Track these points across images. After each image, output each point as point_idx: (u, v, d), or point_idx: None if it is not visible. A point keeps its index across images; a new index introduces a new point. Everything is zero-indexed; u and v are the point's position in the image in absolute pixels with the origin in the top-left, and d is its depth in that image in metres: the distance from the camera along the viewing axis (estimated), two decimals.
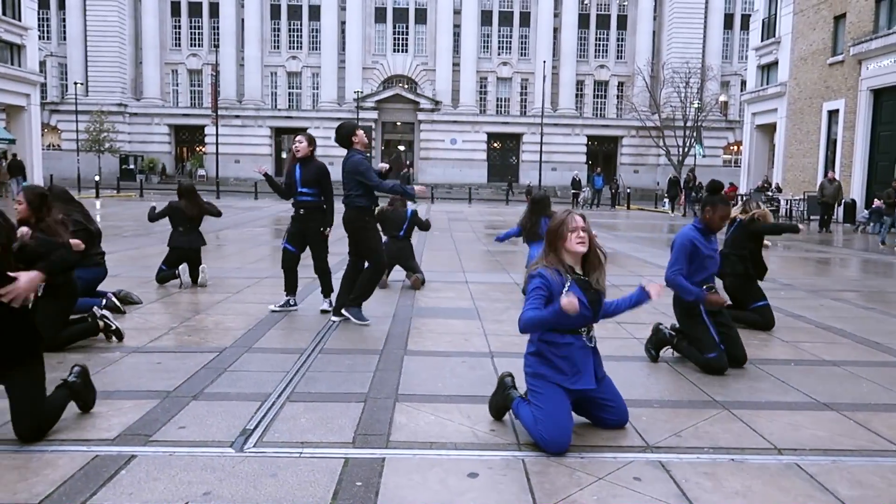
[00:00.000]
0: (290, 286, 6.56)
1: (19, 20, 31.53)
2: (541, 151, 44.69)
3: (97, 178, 32.31)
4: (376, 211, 6.53)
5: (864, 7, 22.52)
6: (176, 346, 5.14)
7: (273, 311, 6.39)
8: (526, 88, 51.05)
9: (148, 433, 3.43)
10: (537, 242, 7.44)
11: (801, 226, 6.89)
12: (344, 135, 5.97)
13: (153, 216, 7.91)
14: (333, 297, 6.42)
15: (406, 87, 50.31)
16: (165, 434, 3.44)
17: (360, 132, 6.04)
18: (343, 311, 6.06)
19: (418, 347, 5.27)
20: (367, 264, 6.06)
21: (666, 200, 32.46)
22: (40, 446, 3.26)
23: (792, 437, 3.60)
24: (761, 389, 4.46)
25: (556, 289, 3.41)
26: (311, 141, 6.39)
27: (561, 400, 3.40)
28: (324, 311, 6.44)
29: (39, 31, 39.19)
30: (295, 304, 6.57)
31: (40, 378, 3.39)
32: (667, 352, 5.09)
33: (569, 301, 3.14)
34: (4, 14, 30.34)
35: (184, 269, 7.82)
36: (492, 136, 50.38)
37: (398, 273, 8.40)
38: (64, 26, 50.01)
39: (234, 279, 8.41)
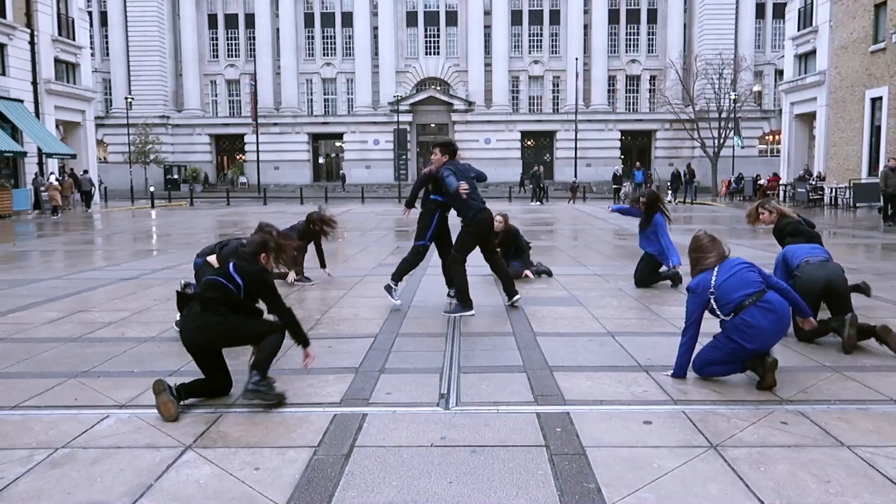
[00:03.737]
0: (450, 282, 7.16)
1: (73, 40, 32.96)
2: (575, 148, 45.17)
3: (152, 188, 33.59)
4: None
5: None
6: (334, 334, 5.90)
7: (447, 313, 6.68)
8: (558, 86, 51.49)
9: (364, 398, 4.17)
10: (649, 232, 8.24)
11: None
12: None
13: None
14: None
15: (439, 89, 51.07)
16: (378, 398, 4.17)
17: None
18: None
19: (544, 330, 5.95)
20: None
21: (669, 192, 34.64)
22: (284, 410, 4.00)
23: None
24: (862, 357, 5.06)
25: (704, 297, 4.36)
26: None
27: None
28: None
29: None
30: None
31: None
32: None
33: None
34: (60, 34, 31.75)
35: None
36: (525, 135, 50.92)
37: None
38: (107, 43, 51.77)
39: (339, 277, 9.19)
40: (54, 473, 3.16)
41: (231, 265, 4.23)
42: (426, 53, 51.88)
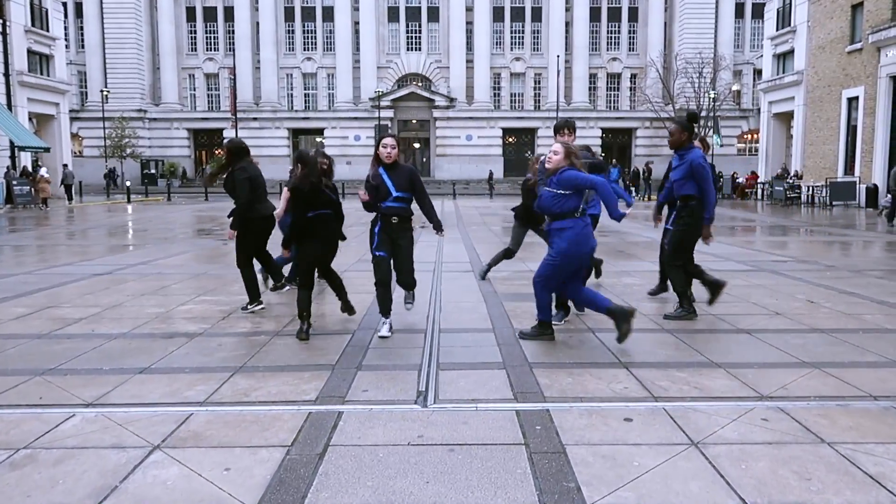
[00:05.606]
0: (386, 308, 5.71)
1: (47, 31, 32.32)
2: None
3: (128, 183, 33.05)
4: None
5: None
6: (311, 330, 5.77)
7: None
8: (539, 83, 51.57)
9: (341, 395, 4.08)
10: None
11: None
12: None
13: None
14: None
15: (420, 85, 50.91)
16: (355, 395, 4.08)
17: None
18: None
19: (523, 326, 5.88)
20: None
21: (633, 188, 35.58)
22: (257, 408, 3.90)
23: (882, 388, 4.21)
24: (841, 353, 5.06)
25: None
26: (399, 144, 6.03)
27: None
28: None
29: None
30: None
31: None
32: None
33: None
34: (33, 25, 31.11)
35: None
36: (507, 132, 50.92)
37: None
38: (82, 35, 50.86)
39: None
40: (14, 475, 3.03)
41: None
42: (408, 49, 51.68)
